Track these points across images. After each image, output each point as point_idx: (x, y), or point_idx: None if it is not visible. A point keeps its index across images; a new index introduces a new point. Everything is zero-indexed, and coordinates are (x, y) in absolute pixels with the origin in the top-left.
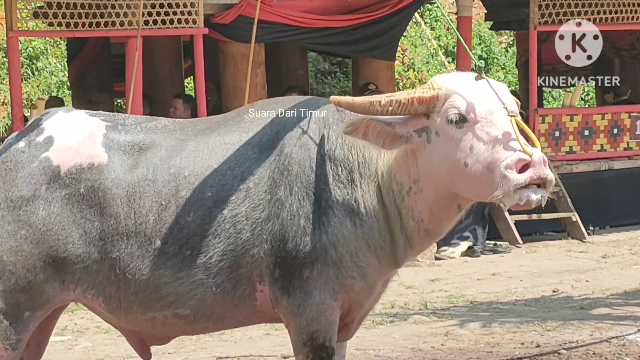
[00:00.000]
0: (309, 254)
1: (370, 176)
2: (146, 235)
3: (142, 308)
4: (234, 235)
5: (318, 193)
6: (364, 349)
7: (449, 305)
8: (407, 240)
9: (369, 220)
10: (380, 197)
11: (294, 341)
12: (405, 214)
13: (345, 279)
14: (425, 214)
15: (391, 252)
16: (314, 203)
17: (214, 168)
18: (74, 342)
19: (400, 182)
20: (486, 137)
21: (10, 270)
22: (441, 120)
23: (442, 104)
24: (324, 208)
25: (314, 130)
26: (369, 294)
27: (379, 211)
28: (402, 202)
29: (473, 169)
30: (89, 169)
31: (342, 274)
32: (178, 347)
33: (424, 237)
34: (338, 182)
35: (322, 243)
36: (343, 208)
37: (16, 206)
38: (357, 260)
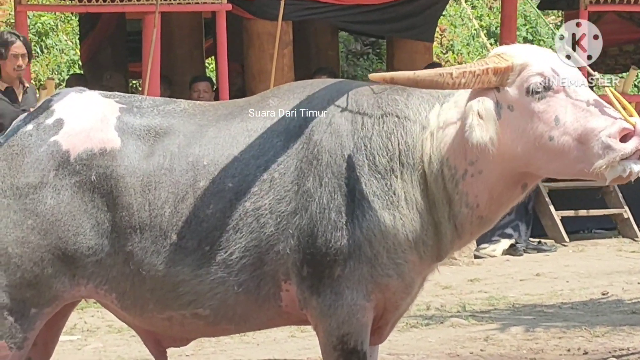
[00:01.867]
0: (341, 251)
1: (414, 165)
2: (161, 228)
3: (158, 307)
4: (257, 229)
5: (351, 184)
6: (396, 354)
7: (489, 308)
8: (455, 230)
9: (410, 213)
10: (424, 186)
11: (323, 345)
12: (458, 201)
13: (381, 278)
14: (482, 198)
15: (434, 246)
16: (346, 195)
17: (235, 157)
18: (84, 342)
19: (453, 166)
20: (573, 107)
21: (16, 263)
22: (517, 92)
23: (517, 74)
24: (358, 200)
25: (346, 116)
26: (405, 294)
27: (423, 202)
28: (456, 187)
29: (560, 142)
30: (101, 155)
31: (377, 272)
32: (197, 349)
33: (476, 226)
34: (375, 172)
35: (356, 238)
36: (380, 200)
37: (22, 194)
38: (394, 257)
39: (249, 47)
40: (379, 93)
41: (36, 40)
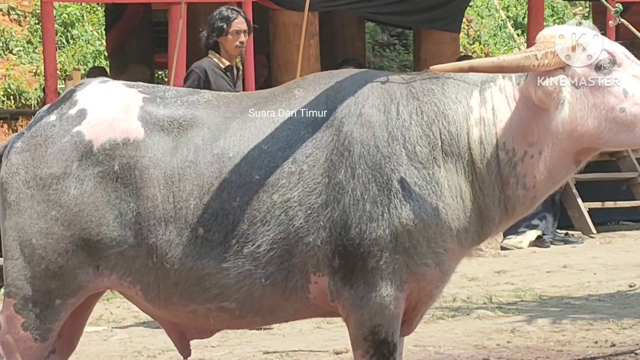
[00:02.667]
0: (376, 242)
1: (459, 153)
2: (186, 221)
3: (183, 300)
4: (285, 222)
5: (387, 175)
6: (423, 346)
7: (516, 300)
8: (505, 213)
9: (454, 202)
10: (470, 174)
11: (353, 335)
12: (514, 184)
13: (418, 267)
14: (540, 178)
15: (476, 232)
16: (382, 186)
17: (262, 149)
18: (110, 333)
19: (511, 149)
20: (635, 79)
21: (40, 254)
22: (586, 69)
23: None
24: (396, 191)
25: (377, 105)
26: (441, 283)
27: (468, 190)
28: (514, 169)
29: (631, 112)
30: (124, 145)
31: (414, 262)
32: (222, 340)
33: (527, 207)
34: (415, 162)
35: (393, 229)
36: (422, 190)
37: (45, 185)
38: (434, 246)
39: (275, 38)
40: (409, 82)
41: (62, 30)
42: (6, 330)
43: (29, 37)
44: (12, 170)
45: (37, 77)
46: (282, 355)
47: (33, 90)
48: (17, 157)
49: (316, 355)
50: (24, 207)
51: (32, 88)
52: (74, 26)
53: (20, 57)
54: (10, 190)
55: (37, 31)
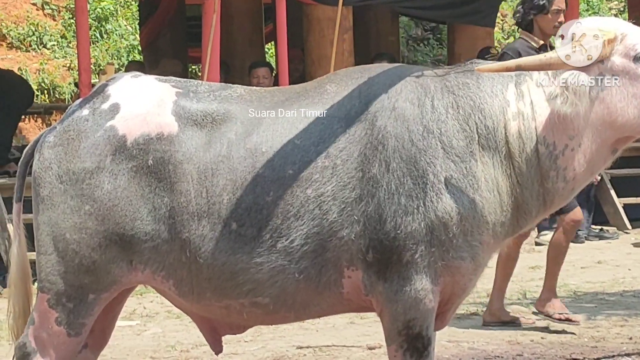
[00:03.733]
0: (412, 235)
1: (496, 147)
2: (220, 216)
3: (216, 295)
4: (319, 216)
5: (422, 168)
6: (456, 341)
7: None
8: (543, 206)
9: (491, 196)
10: (507, 167)
11: (388, 330)
12: (554, 177)
13: (453, 260)
14: (580, 169)
15: (512, 224)
16: (417, 179)
17: (295, 144)
18: (143, 328)
19: (551, 143)
20: None
21: (74, 249)
22: (623, 60)
23: (620, 42)
24: (432, 184)
25: (411, 100)
26: (474, 276)
27: (505, 184)
28: (554, 163)
29: None
30: (158, 140)
31: (449, 255)
32: (255, 335)
33: (565, 198)
34: (452, 156)
35: (429, 222)
36: (459, 183)
37: (79, 179)
38: (470, 240)
39: (309, 33)
40: (443, 76)
41: (96, 25)
42: (40, 325)
43: (63, 31)
44: (45, 165)
45: (71, 71)
46: (315, 350)
47: (67, 85)
48: (49, 152)
49: (349, 351)
50: (57, 201)
51: (66, 82)
52: (107, 21)
53: (54, 51)
54: (43, 185)
55: (71, 25)
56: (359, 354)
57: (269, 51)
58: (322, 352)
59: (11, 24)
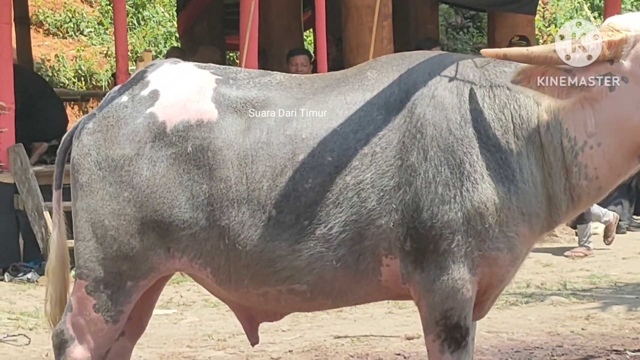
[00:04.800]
0: (448, 224)
1: (529, 138)
2: (259, 202)
3: (254, 282)
4: (357, 204)
5: (459, 158)
6: (496, 332)
7: (591, 286)
8: (572, 202)
9: (525, 186)
10: (540, 159)
11: (425, 320)
12: (576, 173)
13: (490, 251)
14: (602, 170)
15: (547, 218)
16: (454, 168)
17: (334, 130)
18: (180, 316)
19: (573, 137)
20: None
21: (112, 235)
22: (632, 64)
23: (632, 46)
24: (468, 174)
25: (450, 88)
26: (512, 267)
27: (538, 175)
28: (575, 158)
29: None
30: (198, 127)
31: (486, 246)
32: (292, 324)
33: (593, 196)
34: (488, 146)
35: (465, 212)
36: (494, 173)
37: (118, 166)
38: (506, 231)
39: (348, 20)
40: (483, 66)
41: (133, 12)
42: (78, 312)
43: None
44: (84, 152)
45: (108, 58)
46: (353, 340)
47: (104, 72)
48: (88, 138)
49: (387, 341)
50: (96, 188)
51: (103, 69)
52: (145, 7)
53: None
54: (82, 172)
55: (108, 12)
56: (397, 344)
57: (307, 38)
58: (360, 342)
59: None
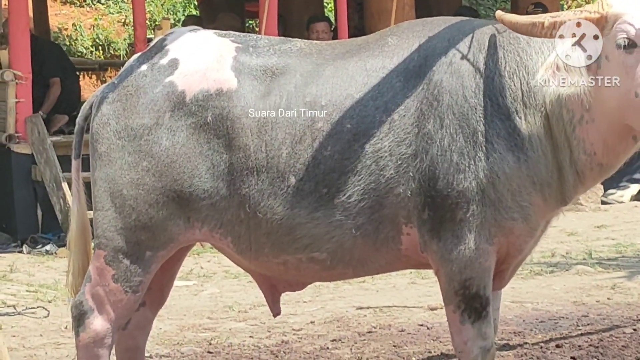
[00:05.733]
0: (463, 194)
1: (537, 106)
2: (279, 170)
3: (274, 250)
4: (376, 172)
5: (473, 126)
6: (520, 302)
7: (617, 255)
8: (577, 176)
9: (535, 155)
10: (547, 128)
11: (444, 290)
12: (576, 146)
13: (505, 221)
14: (598, 147)
15: (558, 189)
16: (468, 137)
17: (354, 97)
18: (200, 288)
19: (571, 110)
20: None
21: (131, 205)
22: (610, 43)
23: (612, 26)
24: (481, 142)
25: (468, 55)
26: (529, 237)
27: (547, 144)
28: (573, 132)
29: None
30: (217, 96)
31: (501, 215)
32: (314, 295)
33: (597, 172)
34: (498, 114)
35: (479, 181)
36: (504, 142)
37: (137, 135)
38: (519, 200)
39: None
40: (502, 32)
41: None
42: (97, 282)
43: None
44: (103, 121)
45: (126, 27)
46: (375, 310)
47: (122, 41)
48: (107, 108)
49: (410, 311)
50: (115, 157)
51: (121, 38)
52: None
53: (109, 6)
54: (101, 141)
55: None
56: (420, 314)
57: (328, 5)
58: (383, 313)
59: None
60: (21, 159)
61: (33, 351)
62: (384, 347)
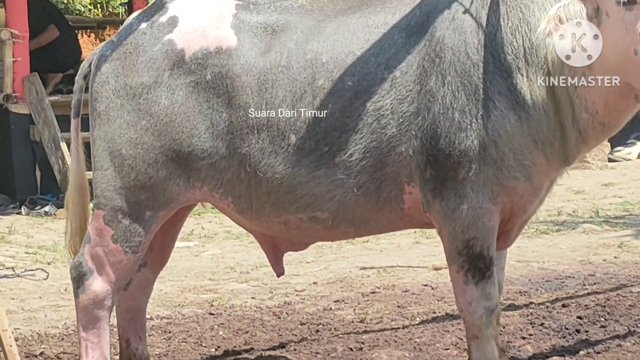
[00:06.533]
0: (465, 152)
1: (539, 63)
2: (279, 129)
3: (275, 210)
4: (377, 130)
5: (475, 83)
6: (526, 261)
7: (624, 214)
8: (579, 135)
9: (537, 113)
10: (550, 87)
11: (448, 250)
12: (578, 105)
13: (507, 180)
14: (599, 105)
15: (561, 149)
16: (470, 95)
17: (355, 54)
18: (202, 249)
19: (572, 68)
20: None
21: (130, 164)
22: (612, 3)
23: None
24: (483, 100)
25: (470, 11)
26: (533, 197)
27: (548, 103)
28: (575, 90)
29: None
30: (217, 54)
31: (503, 174)
32: (317, 255)
33: (599, 131)
34: (500, 71)
35: (481, 139)
36: (506, 100)
37: (136, 94)
38: (521, 159)
39: None
40: None
41: None
42: (96, 243)
43: None
44: (102, 80)
45: None
46: (379, 271)
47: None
48: (106, 66)
49: (414, 271)
50: (114, 116)
51: None
52: None
53: None
54: (100, 100)
55: None
56: (424, 274)
57: None
58: (387, 273)
59: None
60: (19, 119)
61: (32, 313)
62: (387, 307)
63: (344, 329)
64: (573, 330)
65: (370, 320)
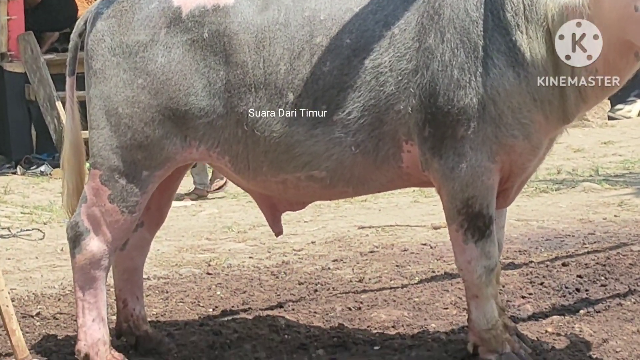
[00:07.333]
0: (464, 110)
1: (539, 20)
2: (277, 87)
3: (272, 169)
4: (376, 88)
5: (474, 40)
6: (525, 220)
7: (624, 172)
8: (579, 93)
9: (536, 71)
10: (549, 44)
11: (447, 209)
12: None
13: (506, 138)
14: (599, 63)
15: (560, 107)
16: (469, 52)
17: (353, 11)
18: (199, 208)
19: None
20: None
21: (126, 123)
22: None
23: None
24: (482, 57)
25: None
26: (532, 155)
27: (548, 61)
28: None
29: None
30: (214, 12)
31: (502, 133)
32: (315, 214)
33: (599, 90)
34: (499, 28)
35: (480, 97)
36: (505, 57)
37: (132, 52)
38: (520, 117)
39: None
40: None
41: None
42: (92, 203)
43: None
44: (98, 37)
45: None
46: (377, 230)
47: None
48: (102, 24)
49: (413, 230)
50: (110, 75)
51: None
52: None
53: None
54: (96, 58)
55: None
56: (423, 233)
57: None
58: (385, 232)
59: None
60: (14, 78)
61: (28, 274)
62: (386, 267)
63: (343, 288)
64: (573, 289)
65: (369, 279)
